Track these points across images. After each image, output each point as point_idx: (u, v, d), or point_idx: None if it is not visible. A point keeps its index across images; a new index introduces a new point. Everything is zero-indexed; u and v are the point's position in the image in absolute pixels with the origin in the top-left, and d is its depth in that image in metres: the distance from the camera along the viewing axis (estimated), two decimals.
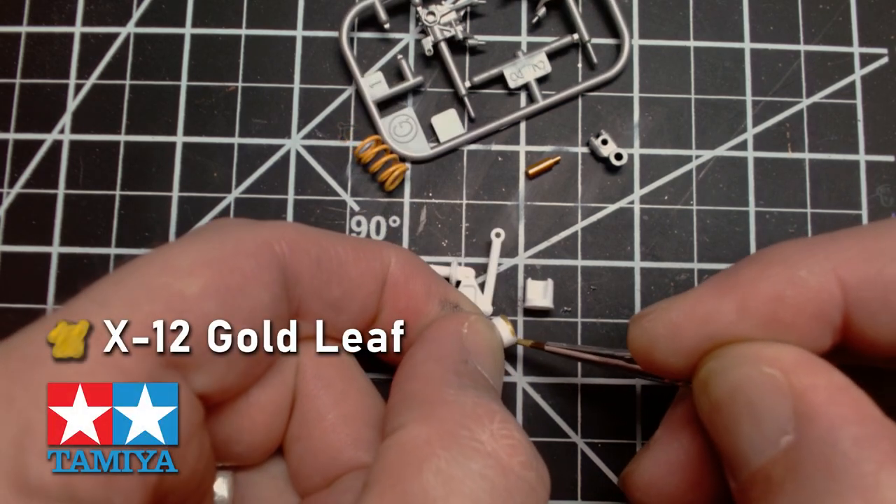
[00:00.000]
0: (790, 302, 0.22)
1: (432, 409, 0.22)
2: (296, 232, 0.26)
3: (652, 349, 0.24)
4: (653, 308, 0.24)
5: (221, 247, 0.23)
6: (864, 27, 0.39)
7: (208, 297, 0.22)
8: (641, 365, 0.25)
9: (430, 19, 0.37)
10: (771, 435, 0.20)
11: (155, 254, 0.23)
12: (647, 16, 0.39)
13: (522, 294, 0.36)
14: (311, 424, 0.26)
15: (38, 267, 0.37)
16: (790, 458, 0.19)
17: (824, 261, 0.22)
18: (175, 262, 0.22)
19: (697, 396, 0.23)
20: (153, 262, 0.22)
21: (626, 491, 0.27)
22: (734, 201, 0.37)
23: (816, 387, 0.20)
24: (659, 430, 0.27)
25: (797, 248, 0.23)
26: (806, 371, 0.20)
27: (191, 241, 0.24)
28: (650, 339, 0.24)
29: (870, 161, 0.38)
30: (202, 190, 0.37)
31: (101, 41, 0.39)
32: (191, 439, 0.22)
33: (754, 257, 0.24)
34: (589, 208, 0.37)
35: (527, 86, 0.38)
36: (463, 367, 0.25)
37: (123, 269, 0.22)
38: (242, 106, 0.38)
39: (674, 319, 0.23)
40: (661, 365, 0.24)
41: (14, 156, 0.38)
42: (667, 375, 0.25)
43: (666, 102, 0.38)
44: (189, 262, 0.22)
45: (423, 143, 0.38)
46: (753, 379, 0.21)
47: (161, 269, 0.22)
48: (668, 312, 0.24)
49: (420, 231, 0.37)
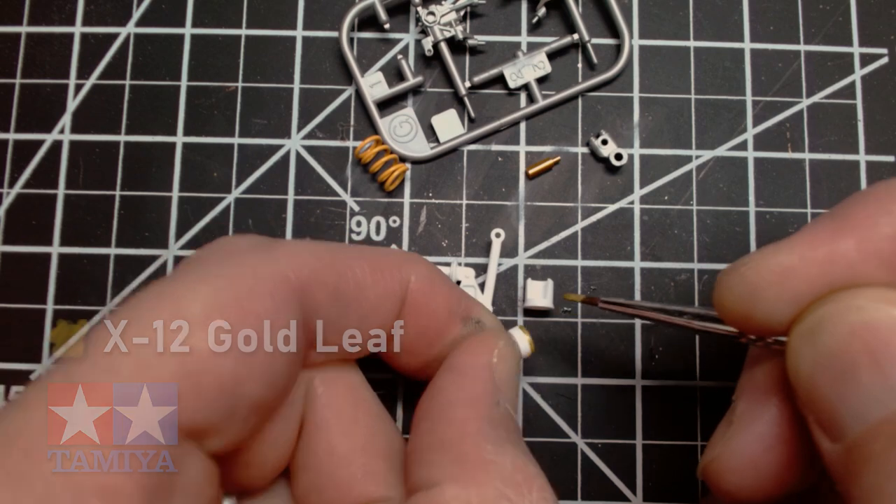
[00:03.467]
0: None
1: (470, 471, 0.21)
2: (313, 257, 0.24)
3: (754, 300, 0.21)
4: (751, 255, 0.22)
5: (235, 286, 0.21)
6: (864, 27, 0.39)
7: (225, 355, 0.20)
8: (733, 321, 0.22)
9: (430, 19, 0.37)
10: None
11: (162, 297, 0.21)
12: (647, 16, 0.39)
13: (522, 294, 0.36)
14: (319, 456, 0.25)
15: (38, 267, 0.37)
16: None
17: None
18: (186, 310, 0.20)
19: (798, 350, 0.20)
20: (161, 308, 0.20)
21: (713, 481, 0.24)
22: (734, 201, 0.37)
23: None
24: (741, 403, 0.24)
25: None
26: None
27: (201, 276, 0.21)
28: (752, 288, 0.21)
29: (870, 161, 0.38)
30: (202, 190, 0.37)
31: (101, 41, 0.39)
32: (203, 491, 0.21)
33: (862, 195, 0.21)
34: (589, 208, 0.37)
35: (527, 86, 0.38)
36: (496, 412, 0.24)
37: (127, 316, 0.20)
38: (242, 106, 0.38)
39: (785, 263, 0.21)
40: (762, 319, 0.21)
41: (14, 156, 0.38)
42: (762, 332, 0.22)
43: (666, 102, 0.38)
44: (201, 309, 0.20)
45: (423, 143, 0.38)
46: (878, 321, 0.19)
47: (171, 316, 0.20)
48: (776, 256, 0.21)
49: (420, 231, 0.37)
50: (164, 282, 0.22)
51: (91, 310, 0.36)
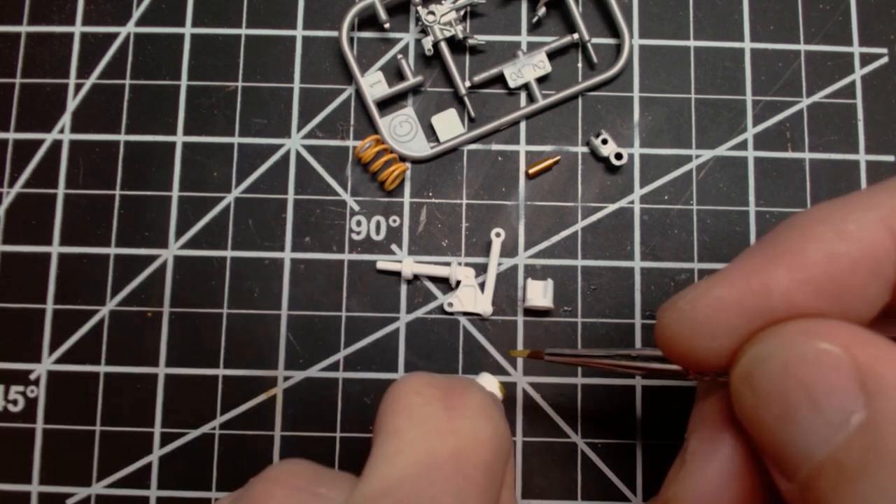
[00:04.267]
0: (844, 260, 0.19)
1: None
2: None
3: (693, 336, 0.21)
4: (688, 290, 0.21)
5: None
6: (864, 27, 0.39)
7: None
8: (675, 357, 0.22)
9: (430, 19, 0.37)
10: (836, 417, 0.17)
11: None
12: (647, 16, 0.39)
13: (522, 294, 0.36)
14: None
15: (38, 267, 0.37)
16: (866, 437, 0.17)
17: (870, 212, 0.20)
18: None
19: (739, 391, 0.20)
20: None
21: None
22: (734, 201, 0.37)
23: (882, 358, 0.18)
24: (692, 441, 0.23)
25: (839, 205, 0.21)
26: (866, 342, 0.18)
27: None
28: (691, 323, 0.21)
29: (870, 161, 0.38)
30: (202, 190, 0.37)
31: (101, 41, 0.39)
32: None
33: (791, 222, 0.21)
34: (589, 208, 0.37)
35: (527, 85, 0.38)
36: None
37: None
38: (242, 106, 0.38)
39: (720, 296, 0.20)
40: (702, 353, 0.21)
41: (14, 155, 0.38)
42: (705, 367, 0.22)
43: (666, 102, 0.38)
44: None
45: (423, 143, 0.38)
46: (808, 358, 0.18)
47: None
48: (711, 290, 0.21)
49: (420, 231, 0.37)
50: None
51: (91, 309, 0.36)
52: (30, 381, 0.36)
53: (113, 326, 0.36)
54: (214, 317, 0.36)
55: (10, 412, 0.36)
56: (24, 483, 0.35)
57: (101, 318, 0.36)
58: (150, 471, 0.35)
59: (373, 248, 0.37)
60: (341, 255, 0.37)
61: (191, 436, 0.36)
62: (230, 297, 0.36)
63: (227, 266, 0.37)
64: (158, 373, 0.36)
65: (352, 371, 0.36)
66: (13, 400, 0.36)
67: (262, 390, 0.36)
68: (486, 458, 0.22)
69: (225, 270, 0.37)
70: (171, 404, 0.36)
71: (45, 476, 0.35)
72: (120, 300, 0.36)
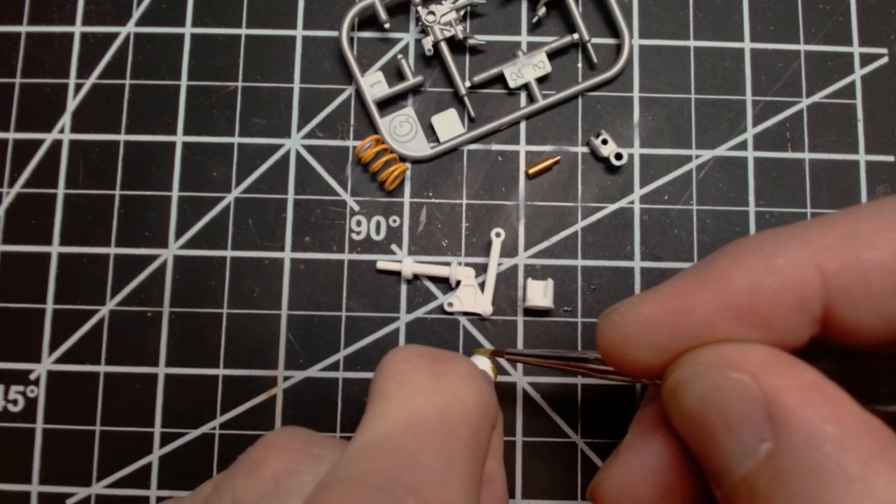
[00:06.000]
0: (768, 292, 0.20)
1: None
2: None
3: (623, 346, 0.22)
4: (624, 302, 0.23)
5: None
6: (864, 27, 0.39)
7: None
8: (611, 363, 0.23)
9: (430, 19, 0.37)
10: (748, 443, 0.18)
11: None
12: (647, 16, 0.39)
13: (522, 294, 0.36)
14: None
15: (38, 267, 0.37)
16: (772, 466, 0.18)
17: (801, 248, 0.20)
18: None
19: (668, 404, 0.22)
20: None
21: (596, 503, 0.25)
22: (734, 201, 0.37)
23: (789, 387, 0.18)
24: (629, 435, 0.25)
25: (773, 237, 0.21)
26: (776, 371, 0.19)
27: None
28: (621, 334, 0.22)
29: (870, 161, 0.38)
30: (202, 189, 0.37)
31: (101, 41, 0.39)
32: None
33: (730, 247, 0.22)
34: (589, 208, 0.37)
35: (527, 86, 0.38)
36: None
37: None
38: (242, 106, 0.38)
39: (646, 313, 0.22)
40: (631, 363, 0.22)
41: (14, 155, 0.38)
42: (638, 375, 0.23)
43: (666, 102, 0.38)
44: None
45: (423, 143, 0.38)
46: (722, 386, 0.19)
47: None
48: (640, 306, 0.22)
49: (420, 231, 0.37)
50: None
51: (91, 309, 0.36)
52: (30, 381, 0.36)
53: (113, 326, 0.36)
54: (214, 317, 0.36)
55: (10, 412, 0.36)
56: (24, 483, 0.35)
57: (101, 317, 0.36)
58: (150, 471, 0.35)
59: (373, 248, 0.37)
60: (341, 255, 0.37)
61: (191, 436, 0.36)
62: (230, 296, 0.36)
63: (227, 266, 0.37)
64: (158, 373, 0.36)
65: (352, 371, 0.36)
66: (13, 400, 0.36)
67: (262, 390, 0.36)
68: (471, 418, 0.23)
69: (225, 270, 0.37)
70: (171, 404, 0.36)
71: (45, 476, 0.35)
72: (120, 300, 0.36)
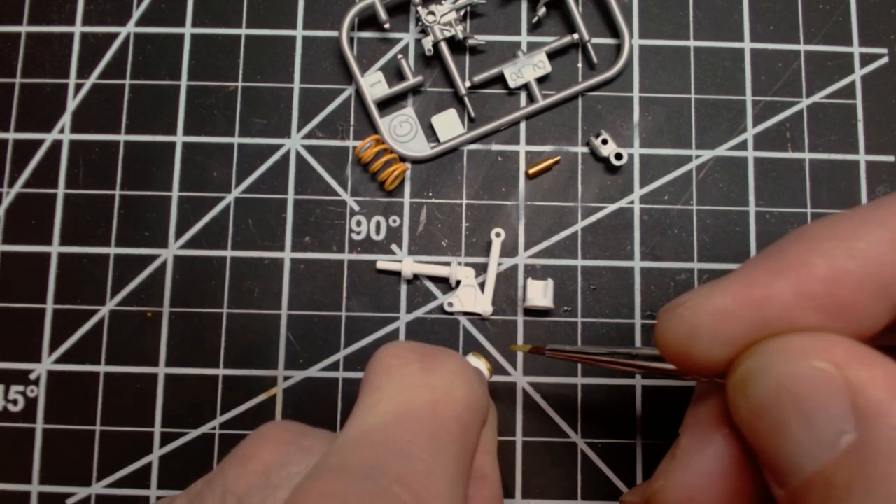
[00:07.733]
0: (851, 278, 0.19)
1: None
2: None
3: (692, 340, 0.21)
4: (689, 295, 0.22)
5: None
6: (864, 27, 0.39)
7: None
8: (674, 359, 0.22)
9: (430, 19, 0.37)
10: (827, 436, 0.18)
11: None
12: (647, 16, 0.39)
13: (522, 294, 0.36)
14: None
15: (38, 267, 0.37)
16: (855, 459, 0.17)
17: (879, 229, 0.19)
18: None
19: (734, 399, 0.20)
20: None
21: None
22: (734, 201, 0.37)
23: (875, 379, 0.18)
24: (684, 437, 0.24)
25: (845, 221, 0.20)
26: (861, 363, 0.18)
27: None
28: (690, 328, 0.21)
29: (870, 161, 0.38)
30: (202, 190, 0.37)
31: (101, 41, 0.39)
32: None
33: (798, 234, 0.21)
34: (589, 208, 0.37)
35: (527, 86, 0.38)
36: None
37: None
38: (242, 106, 0.38)
39: (720, 305, 0.20)
40: (700, 359, 0.21)
41: (14, 155, 0.38)
42: (703, 371, 0.22)
43: (666, 102, 0.38)
44: None
45: (423, 143, 0.38)
46: (802, 376, 0.18)
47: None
48: (712, 298, 0.21)
49: (420, 231, 0.37)
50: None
51: (91, 309, 0.36)
52: (30, 380, 0.36)
53: (113, 326, 0.36)
54: (214, 317, 0.36)
55: (10, 412, 0.36)
56: (24, 483, 0.35)
57: (101, 317, 0.36)
58: (150, 471, 0.35)
59: (373, 248, 0.37)
60: (341, 255, 0.37)
61: (191, 436, 0.36)
62: (230, 296, 0.36)
63: (227, 266, 0.37)
64: (158, 373, 0.36)
65: (352, 371, 0.36)
66: (13, 400, 0.36)
67: (262, 390, 0.36)
68: (460, 412, 0.23)
69: (225, 270, 0.37)
70: (171, 404, 0.36)
71: (45, 476, 0.35)
72: (120, 300, 0.36)
